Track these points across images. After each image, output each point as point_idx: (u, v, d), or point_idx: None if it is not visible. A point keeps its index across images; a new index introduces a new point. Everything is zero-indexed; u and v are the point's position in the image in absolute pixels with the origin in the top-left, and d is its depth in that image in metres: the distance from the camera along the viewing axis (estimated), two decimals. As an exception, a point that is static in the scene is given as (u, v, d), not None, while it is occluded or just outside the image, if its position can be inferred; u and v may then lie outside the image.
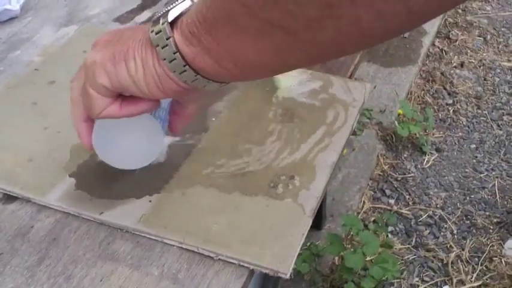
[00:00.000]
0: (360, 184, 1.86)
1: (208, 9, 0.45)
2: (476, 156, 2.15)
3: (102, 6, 1.07)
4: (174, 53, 0.48)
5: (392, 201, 1.95)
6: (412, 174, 2.04)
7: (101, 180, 0.73)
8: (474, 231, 1.93)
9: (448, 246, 1.87)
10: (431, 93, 2.38)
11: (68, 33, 0.99)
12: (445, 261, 1.82)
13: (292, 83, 0.89)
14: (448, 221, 1.92)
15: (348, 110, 0.85)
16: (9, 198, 0.72)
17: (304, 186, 0.73)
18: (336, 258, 1.66)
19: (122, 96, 0.54)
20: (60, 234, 0.68)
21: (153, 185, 0.72)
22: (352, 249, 1.61)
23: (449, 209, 1.97)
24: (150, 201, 0.71)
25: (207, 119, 0.83)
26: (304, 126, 0.81)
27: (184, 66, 0.48)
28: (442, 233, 1.90)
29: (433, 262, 1.80)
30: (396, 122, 2.05)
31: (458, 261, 1.81)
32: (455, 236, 1.90)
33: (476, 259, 1.83)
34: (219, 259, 0.65)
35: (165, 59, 0.49)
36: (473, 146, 2.19)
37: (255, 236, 0.67)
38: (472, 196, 2.01)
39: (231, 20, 0.43)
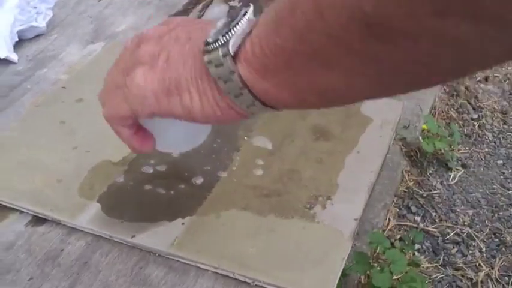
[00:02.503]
0: (385, 201, 1.83)
1: (282, 38, 0.38)
2: (504, 173, 2.11)
3: (128, 22, 1.06)
4: (241, 88, 0.43)
5: (418, 218, 1.91)
6: (438, 191, 2.00)
7: (132, 202, 0.71)
8: (504, 249, 1.89)
9: (477, 264, 1.83)
10: (455, 107, 2.34)
11: (95, 50, 0.98)
12: (474, 280, 1.78)
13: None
14: (477, 239, 1.88)
15: (383, 128, 0.82)
16: (39, 220, 0.70)
17: (342, 207, 0.70)
18: (362, 277, 1.63)
19: None
20: (91, 258, 0.66)
21: (185, 207, 0.70)
22: (378, 268, 1.58)
23: (477, 226, 1.92)
24: (183, 223, 0.68)
25: (239, 138, 0.80)
26: (339, 145, 0.79)
27: (254, 101, 0.43)
28: (470, 251, 1.85)
29: (461, 281, 1.76)
30: (421, 138, 2.02)
31: (488, 280, 1.77)
32: (484, 255, 1.86)
33: (507, 278, 1.79)
34: (255, 285, 0.62)
35: (229, 93, 0.44)
36: (500, 161, 2.14)
37: (292, 260, 0.64)
38: (501, 213, 1.97)
39: (316, 55, 0.37)
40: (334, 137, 0.81)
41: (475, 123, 2.29)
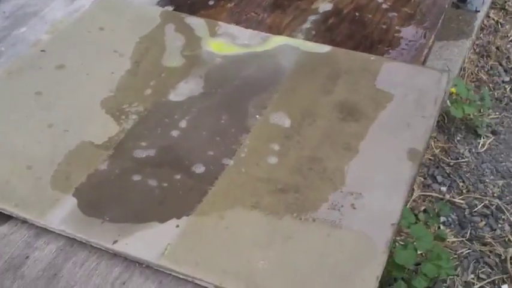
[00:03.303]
0: (410, 170, 1.66)
1: None
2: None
3: (125, -27, 0.89)
4: None
5: (444, 188, 1.75)
6: (466, 159, 1.83)
7: (116, 197, 0.56)
8: (535, 222, 1.73)
9: (507, 240, 1.68)
10: (486, 69, 2.15)
11: (83, 6, 0.82)
12: (503, 257, 1.63)
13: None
14: (506, 212, 1.72)
15: (426, 107, 0.66)
16: (1, 217, 0.55)
17: (376, 208, 0.55)
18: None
19: None
20: (62, 268, 0.52)
21: (181, 205, 0.55)
22: (402, 244, 1.43)
23: (508, 198, 1.76)
24: (177, 226, 0.54)
25: (249, 116, 0.65)
26: (372, 127, 0.63)
27: None
28: (499, 225, 1.70)
29: (489, 257, 1.61)
30: (449, 102, 1.84)
31: (520, 260, 1.61)
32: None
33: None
34: (267, 311, 0.48)
35: None
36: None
37: (313, 277, 0.49)
38: (534, 181, 1.80)
39: None
40: (365, 117, 0.65)
41: (507, 86, 2.10)
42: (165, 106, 0.66)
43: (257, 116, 0.65)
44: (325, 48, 0.74)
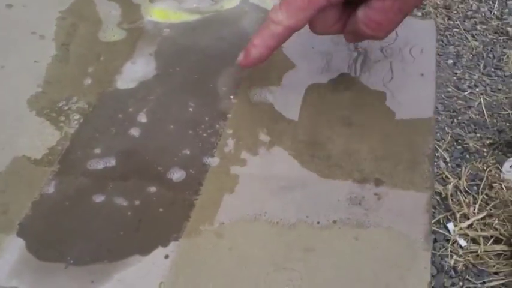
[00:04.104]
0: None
1: None
2: (456, 73, 1.90)
3: None
4: None
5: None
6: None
7: (77, 229, 0.41)
8: (468, 156, 1.71)
9: (444, 177, 1.65)
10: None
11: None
12: (443, 195, 1.60)
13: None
14: (439, 149, 1.68)
15: (425, 65, 0.55)
16: None
17: (402, 195, 0.44)
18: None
19: None
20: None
21: (165, 227, 0.42)
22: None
23: (438, 135, 1.72)
24: (166, 256, 0.40)
25: (221, 98, 0.51)
26: (370, 95, 0.51)
27: None
28: (435, 163, 1.66)
29: (431, 197, 1.57)
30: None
31: (457, 192, 1.59)
32: (449, 165, 1.67)
33: (475, 187, 1.62)
34: None
35: None
36: (450, 61, 1.93)
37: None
38: (460, 118, 1.78)
39: None
40: (359, 84, 0.53)
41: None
42: (113, 98, 0.51)
43: (231, 97, 0.51)
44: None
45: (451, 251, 0.60)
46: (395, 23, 0.45)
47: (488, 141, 1.79)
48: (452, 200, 1.60)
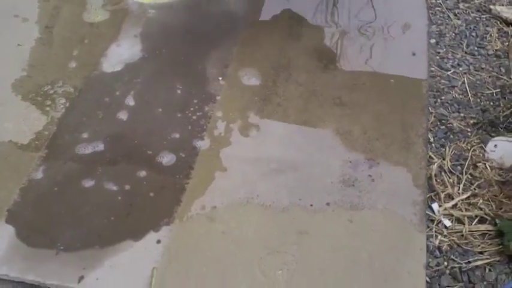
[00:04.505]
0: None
1: None
2: (439, 52, 1.90)
3: None
4: None
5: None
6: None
7: (66, 214, 0.40)
8: (452, 136, 1.71)
9: (428, 157, 1.65)
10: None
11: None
12: (427, 175, 1.61)
13: None
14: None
15: (415, 41, 0.54)
16: None
17: (396, 175, 0.43)
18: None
19: None
20: (14, 327, 0.36)
21: (156, 212, 0.41)
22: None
23: (422, 114, 1.72)
24: (158, 241, 0.39)
25: (210, 80, 0.50)
26: (361, 74, 0.51)
27: None
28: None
29: (426, 178, 1.58)
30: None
31: (442, 172, 1.59)
32: (434, 145, 1.67)
33: (460, 167, 1.62)
34: None
35: None
36: (433, 40, 1.93)
37: (350, 281, 0.37)
38: (443, 97, 1.78)
39: None
40: (350, 62, 0.52)
41: (402, 2, 2.03)
42: (100, 81, 0.50)
43: (219, 79, 0.50)
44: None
45: (435, 231, 0.61)
46: None
47: (472, 121, 1.80)
48: (436, 180, 1.61)
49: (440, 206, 1.47)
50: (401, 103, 0.50)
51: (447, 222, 1.48)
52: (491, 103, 1.80)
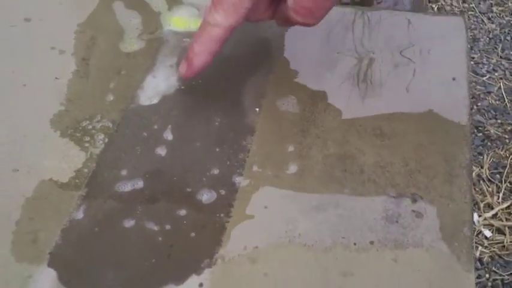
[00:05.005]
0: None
1: None
2: (474, 57, 1.87)
3: None
4: None
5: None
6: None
7: (108, 256, 0.40)
8: (489, 143, 1.68)
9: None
10: None
11: (-5, -8, 0.62)
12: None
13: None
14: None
15: (456, 69, 0.53)
16: (-46, 317, 0.39)
17: (441, 210, 0.42)
18: None
19: None
20: None
21: (197, 253, 0.40)
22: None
23: (458, 121, 1.70)
24: (200, 285, 0.39)
25: (246, 110, 0.49)
26: (403, 103, 0.50)
27: None
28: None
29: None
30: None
31: (480, 181, 1.56)
32: (471, 153, 1.65)
33: (499, 176, 1.59)
34: None
35: None
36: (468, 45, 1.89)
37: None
38: (479, 104, 1.75)
39: None
40: (388, 89, 0.51)
41: (433, 5, 2.02)
42: (137, 114, 0.50)
43: (257, 109, 0.50)
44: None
45: (476, 242, 0.59)
46: (325, 9, 0.43)
47: (509, 127, 1.75)
48: (475, 189, 1.57)
49: (479, 216, 1.44)
50: (442, 132, 0.49)
51: (487, 233, 1.45)
52: (529, 109, 1.76)
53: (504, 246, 1.38)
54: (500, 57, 1.89)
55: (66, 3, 0.60)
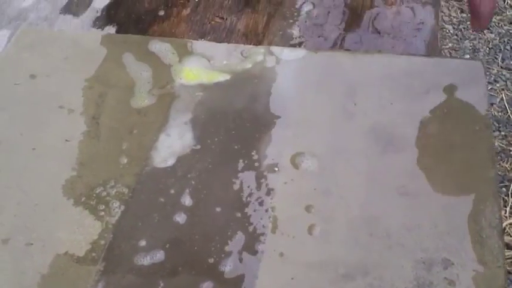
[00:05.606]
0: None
1: None
2: (474, 69, 1.85)
3: (37, -11, 0.67)
4: None
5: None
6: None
7: None
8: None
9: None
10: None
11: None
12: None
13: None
14: (464, 150, 1.64)
15: (477, 116, 0.51)
16: None
17: (473, 276, 0.41)
18: None
19: None
20: None
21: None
22: None
23: (461, 135, 1.68)
24: None
25: (265, 170, 0.48)
26: (424, 157, 0.48)
27: None
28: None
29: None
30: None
31: None
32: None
33: (505, 189, 1.57)
34: None
35: None
36: (467, 56, 1.88)
37: None
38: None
39: None
40: (409, 143, 0.49)
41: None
42: (152, 178, 0.48)
43: (275, 169, 0.48)
44: (324, 54, 0.57)
45: None
46: None
47: (514, 139, 1.71)
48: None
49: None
50: (469, 189, 0.47)
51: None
52: (534, 121, 1.74)
53: (513, 262, 1.36)
54: (501, 67, 1.88)
55: (72, 57, 0.58)
